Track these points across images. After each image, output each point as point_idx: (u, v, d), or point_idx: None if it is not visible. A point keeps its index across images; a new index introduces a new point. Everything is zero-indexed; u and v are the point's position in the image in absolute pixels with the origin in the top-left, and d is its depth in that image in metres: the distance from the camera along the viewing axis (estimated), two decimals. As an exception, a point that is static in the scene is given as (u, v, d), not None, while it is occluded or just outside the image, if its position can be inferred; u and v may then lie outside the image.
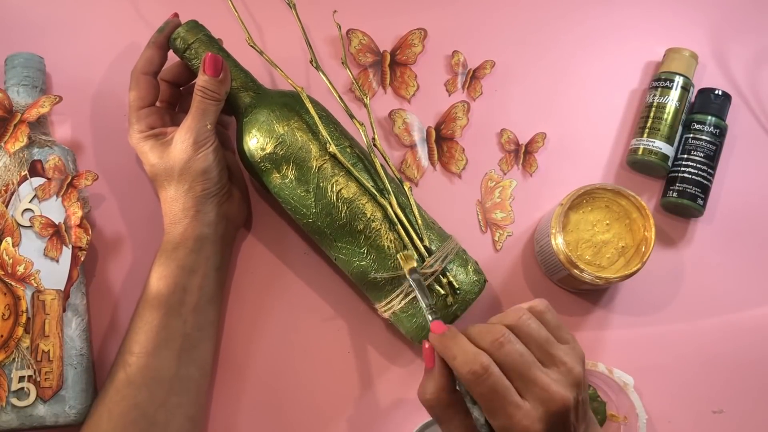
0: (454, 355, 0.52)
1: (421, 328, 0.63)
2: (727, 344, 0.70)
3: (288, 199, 0.64)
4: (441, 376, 0.54)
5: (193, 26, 0.65)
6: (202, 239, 0.64)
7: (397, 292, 0.63)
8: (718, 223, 0.73)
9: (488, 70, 0.75)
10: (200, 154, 0.63)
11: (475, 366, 0.51)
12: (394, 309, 0.63)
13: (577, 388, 0.52)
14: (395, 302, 0.63)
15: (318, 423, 0.68)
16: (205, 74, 0.63)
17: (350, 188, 0.63)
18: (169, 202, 0.65)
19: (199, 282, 0.64)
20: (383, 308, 0.64)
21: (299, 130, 0.63)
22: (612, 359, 0.70)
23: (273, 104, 0.64)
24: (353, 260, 0.64)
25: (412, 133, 0.74)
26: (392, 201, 0.63)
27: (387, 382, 0.69)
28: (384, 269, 0.63)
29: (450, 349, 0.53)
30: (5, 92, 0.66)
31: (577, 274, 0.65)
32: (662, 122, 0.71)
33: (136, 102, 0.66)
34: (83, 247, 0.65)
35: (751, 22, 0.77)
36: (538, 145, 0.74)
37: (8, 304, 0.62)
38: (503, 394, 0.51)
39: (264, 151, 0.63)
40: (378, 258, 0.63)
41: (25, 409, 0.61)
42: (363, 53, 0.75)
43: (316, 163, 0.63)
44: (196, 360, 0.64)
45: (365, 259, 0.63)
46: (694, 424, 0.69)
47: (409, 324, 0.63)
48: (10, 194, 0.64)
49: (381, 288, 0.64)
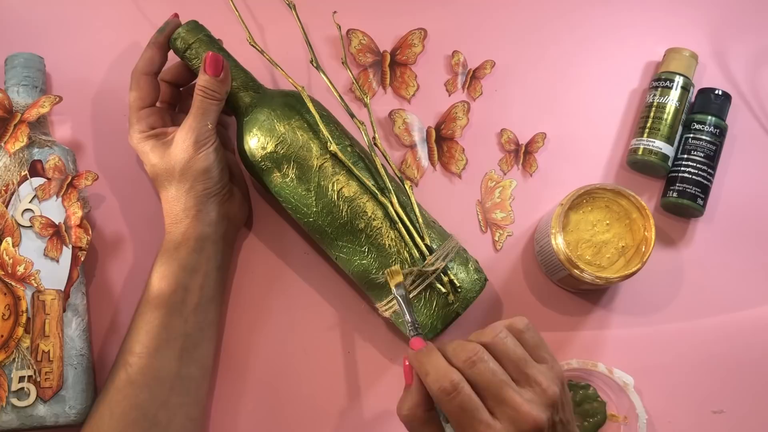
0: (426, 372, 0.52)
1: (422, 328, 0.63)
2: (727, 344, 0.70)
3: (289, 199, 0.64)
4: (417, 392, 0.53)
5: (193, 27, 0.65)
6: (204, 239, 0.64)
7: None
8: (718, 223, 0.73)
9: (488, 70, 0.75)
10: (201, 154, 0.63)
11: (445, 383, 0.50)
12: (394, 308, 0.63)
13: (551, 408, 0.51)
14: (395, 301, 0.63)
15: (318, 422, 0.68)
16: (205, 74, 0.63)
17: (351, 187, 0.63)
18: (170, 201, 0.65)
19: (200, 282, 0.64)
20: (384, 307, 0.64)
21: (300, 129, 0.63)
22: (612, 359, 0.70)
23: (274, 103, 0.64)
24: (354, 259, 0.64)
25: (412, 133, 0.74)
26: (393, 200, 0.63)
27: (387, 381, 0.69)
28: (385, 268, 0.63)
29: (423, 365, 0.52)
30: (5, 92, 0.66)
31: (577, 274, 0.65)
32: (662, 122, 0.71)
33: (137, 102, 0.66)
34: (83, 247, 0.65)
35: (751, 22, 0.77)
36: (538, 145, 0.74)
37: (8, 304, 0.62)
38: (472, 413, 0.50)
39: (265, 150, 0.63)
40: (379, 257, 0.63)
41: (25, 409, 0.61)
42: (363, 53, 0.75)
43: (316, 161, 0.63)
44: (197, 360, 0.64)
45: (366, 258, 0.63)
46: (694, 424, 0.69)
47: None
48: (10, 194, 0.64)
49: (381, 287, 0.64)
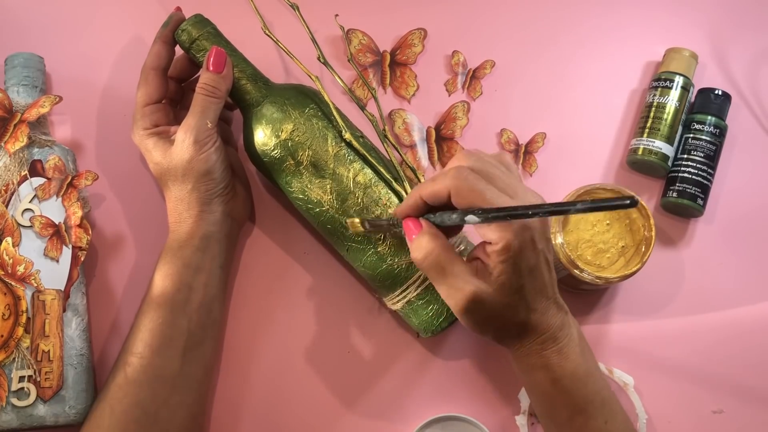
0: (433, 182, 0.54)
1: (438, 315, 0.63)
2: (727, 344, 0.70)
3: (301, 188, 0.64)
4: (429, 228, 0.55)
5: (199, 20, 0.65)
6: (208, 237, 0.64)
7: (413, 278, 0.63)
8: (718, 223, 0.73)
9: (488, 70, 0.75)
10: (202, 155, 0.63)
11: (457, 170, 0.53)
12: (409, 297, 0.63)
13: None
14: (411, 290, 0.63)
15: (319, 421, 0.68)
16: (207, 70, 0.63)
17: (366, 174, 0.63)
18: (173, 201, 0.65)
19: (204, 280, 0.64)
20: (397, 298, 0.64)
21: (315, 117, 0.64)
22: (612, 359, 0.70)
23: (286, 93, 0.64)
24: (368, 248, 0.63)
25: (412, 133, 0.74)
26: (407, 188, 0.64)
27: (389, 381, 0.69)
28: (400, 257, 0.62)
29: (429, 183, 0.54)
30: (5, 92, 0.66)
31: (577, 274, 0.65)
32: (662, 122, 0.71)
33: (143, 98, 0.66)
34: (83, 247, 0.65)
35: (751, 22, 0.77)
36: (538, 145, 0.74)
37: (8, 304, 0.62)
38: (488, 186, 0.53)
39: (279, 138, 0.63)
40: (393, 244, 0.63)
41: (25, 409, 0.61)
42: (363, 53, 0.75)
43: (332, 149, 0.63)
44: (199, 359, 0.64)
45: (381, 246, 0.63)
46: (694, 424, 0.69)
47: (424, 312, 0.63)
48: (10, 194, 0.64)
49: (396, 276, 0.63)
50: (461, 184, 0.52)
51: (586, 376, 0.56)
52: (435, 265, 0.54)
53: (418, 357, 0.70)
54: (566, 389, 0.56)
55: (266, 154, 0.64)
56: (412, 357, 0.70)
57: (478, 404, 0.69)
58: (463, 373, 0.69)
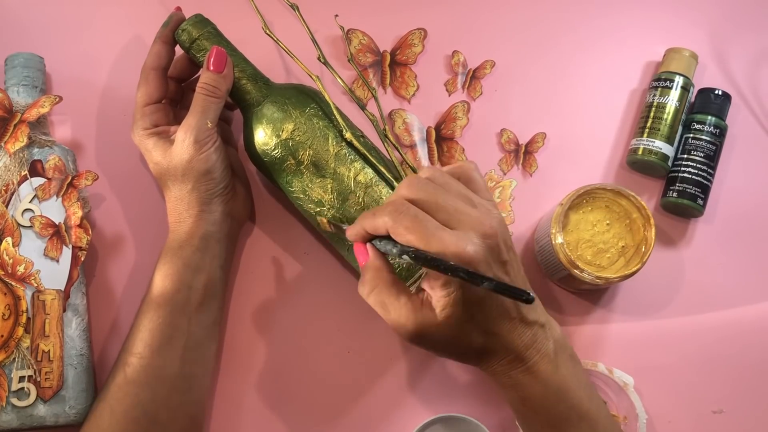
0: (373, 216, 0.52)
1: None
2: (727, 344, 0.70)
3: (302, 188, 0.64)
4: (377, 260, 0.54)
5: (199, 20, 0.65)
6: (208, 237, 0.64)
7: (413, 278, 0.63)
8: (718, 223, 0.73)
9: (488, 70, 0.75)
10: (202, 155, 0.63)
11: (396, 204, 0.51)
12: None
13: (501, 226, 0.52)
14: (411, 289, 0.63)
15: (319, 422, 0.68)
16: (208, 70, 0.63)
17: (367, 173, 0.63)
18: (173, 200, 0.65)
19: (204, 280, 0.64)
20: None
21: (315, 117, 0.64)
22: (612, 359, 0.70)
23: (287, 93, 0.64)
24: None
25: (412, 133, 0.74)
26: None
27: (388, 381, 0.69)
28: None
29: (371, 216, 0.52)
30: (5, 92, 0.66)
31: (577, 274, 0.65)
32: (662, 122, 0.71)
33: (143, 98, 0.66)
34: (83, 247, 0.65)
35: (751, 22, 0.77)
36: (538, 145, 0.74)
37: (8, 304, 0.62)
38: (426, 223, 0.50)
39: (279, 137, 0.63)
40: None
41: (26, 409, 0.61)
42: (363, 53, 0.75)
43: (333, 148, 0.63)
44: (199, 359, 0.64)
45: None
46: (694, 424, 0.69)
47: None
48: (10, 194, 0.64)
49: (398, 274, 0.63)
50: (397, 223, 0.50)
51: (559, 392, 0.55)
52: (379, 302, 0.53)
53: (418, 357, 0.70)
54: (537, 408, 0.55)
55: (267, 153, 0.64)
56: (412, 357, 0.70)
57: (478, 404, 0.69)
58: (463, 373, 0.69)
